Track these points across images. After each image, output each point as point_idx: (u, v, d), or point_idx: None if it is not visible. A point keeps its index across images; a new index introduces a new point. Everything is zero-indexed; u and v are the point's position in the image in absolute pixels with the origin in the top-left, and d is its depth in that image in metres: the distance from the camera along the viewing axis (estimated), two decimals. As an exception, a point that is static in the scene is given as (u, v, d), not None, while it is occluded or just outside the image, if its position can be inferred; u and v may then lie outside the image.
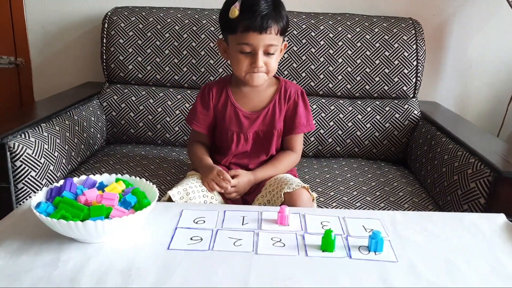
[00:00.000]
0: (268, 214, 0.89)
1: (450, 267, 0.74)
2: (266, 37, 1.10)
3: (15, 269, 0.69)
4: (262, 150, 1.23)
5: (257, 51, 1.11)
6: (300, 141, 1.27)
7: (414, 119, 1.63)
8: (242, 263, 0.72)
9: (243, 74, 1.15)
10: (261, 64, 1.12)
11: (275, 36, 1.12)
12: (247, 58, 1.13)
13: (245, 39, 1.10)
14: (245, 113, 1.21)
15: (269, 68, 1.14)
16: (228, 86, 1.23)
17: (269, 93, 1.23)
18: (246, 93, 1.22)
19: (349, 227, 0.85)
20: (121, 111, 1.68)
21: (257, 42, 1.10)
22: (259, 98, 1.22)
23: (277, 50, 1.15)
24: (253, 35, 1.10)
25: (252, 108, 1.22)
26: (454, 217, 0.91)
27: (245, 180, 1.17)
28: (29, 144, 1.22)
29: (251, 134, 1.22)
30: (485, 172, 1.13)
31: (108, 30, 1.69)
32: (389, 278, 0.70)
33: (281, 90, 1.22)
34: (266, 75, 1.16)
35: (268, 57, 1.13)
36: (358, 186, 1.37)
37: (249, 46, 1.11)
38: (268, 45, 1.11)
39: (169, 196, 1.07)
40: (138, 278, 0.68)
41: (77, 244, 0.76)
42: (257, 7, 1.09)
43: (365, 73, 1.65)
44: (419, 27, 1.68)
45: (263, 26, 1.09)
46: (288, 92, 1.22)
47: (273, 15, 1.10)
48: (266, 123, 1.22)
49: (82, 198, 0.77)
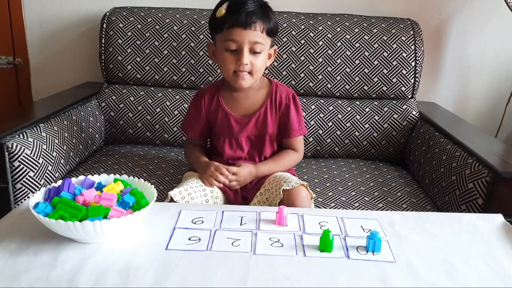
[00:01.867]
0: (266, 214, 0.89)
1: (448, 267, 0.74)
2: (251, 33, 1.11)
3: (13, 269, 0.69)
4: (256, 155, 1.24)
5: (242, 47, 1.12)
6: (300, 141, 1.28)
7: (412, 120, 1.64)
8: (240, 263, 0.72)
9: (229, 75, 1.16)
10: (246, 61, 1.13)
11: (261, 34, 1.13)
12: (232, 56, 1.14)
13: (231, 35, 1.12)
14: (236, 118, 1.22)
15: (254, 67, 1.14)
16: (220, 91, 1.25)
17: (260, 96, 1.23)
18: (236, 97, 1.23)
19: (347, 228, 0.85)
20: (120, 112, 1.68)
21: (242, 38, 1.11)
22: (250, 102, 1.23)
23: (264, 50, 1.15)
24: (238, 31, 1.11)
25: (243, 112, 1.23)
26: (452, 218, 0.91)
27: (246, 170, 1.18)
28: (28, 144, 1.22)
29: (243, 139, 1.23)
30: (483, 173, 1.13)
31: (106, 30, 1.69)
32: (387, 278, 0.70)
33: (272, 93, 1.23)
34: (251, 77, 1.16)
35: (254, 56, 1.14)
36: (357, 186, 1.37)
37: (234, 43, 1.12)
38: (253, 42, 1.12)
39: (171, 197, 1.08)
40: (137, 278, 0.68)
41: (75, 244, 0.76)
42: (243, 5, 1.11)
43: (364, 74, 1.65)
44: (417, 28, 1.68)
45: (247, 21, 1.10)
46: (279, 97, 1.22)
47: (259, 13, 1.12)
48: (258, 127, 1.22)
49: (80, 198, 0.77)
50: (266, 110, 1.22)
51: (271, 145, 1.25)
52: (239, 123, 1.22)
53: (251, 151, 1.24)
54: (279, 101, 1.22)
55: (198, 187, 1.12)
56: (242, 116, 1.22)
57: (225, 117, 1.22)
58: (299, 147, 1.27)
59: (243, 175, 1.17)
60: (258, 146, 1.24)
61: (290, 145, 1.26)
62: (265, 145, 1.23)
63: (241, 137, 1.22)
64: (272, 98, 1.22)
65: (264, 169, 1.21)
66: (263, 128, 1.22)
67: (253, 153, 1.24)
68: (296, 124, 1.23)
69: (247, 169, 1.18)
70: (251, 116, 1.22)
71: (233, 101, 1.23)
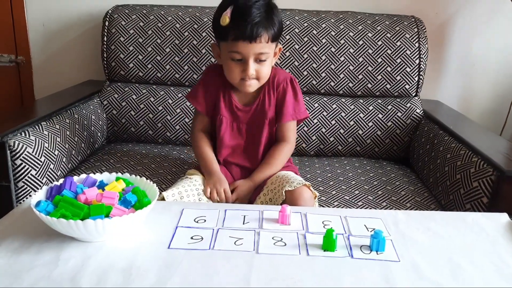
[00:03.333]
0: (269, 213, 0.89)
1: (453, 266, 0.73)
2: (256, 46, 1.09)
3: (15, 268, 0.69)
4: (255, 142, 1.23)
5: (247, 59, 1.11)
6: (292, 129, 1.25)
7: (416, 118, 1.63)
8: (243, 262, 0.72)
9: (235, 82, 1.16)
10: (252, 72, 1.13)
11: (266, 44, 1.11)
12: (238, 65, 1.13)
13: (235, 48, 1.10)
14: (239, 106, 1.22)
15: (260, 75, 1.14)
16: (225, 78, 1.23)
17: (262, 86, 1.23)
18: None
19: (350, 227, 0.85)
20: (122, 110, 1.67)
21: (247, 51, 1.10)
22: (253, 93, 1.22)
23: (269, 57, 1.14)
24: (243, 44, 1.09)
25: (246, 102, 1.23)
26: (457, 216, 0.90)
27: (244, 189, 1.17)
28: (30, 142, 1.22)
29: (244, 125, 1.23)
30: (488, 171, 1.12)
31: (109, 28, 1.69)
32: (392, 278, 0.69)
33: (270, 79, 1.21)
34: (257, 82, 1.16)
35: (260, 64, 1.13)
36: (360, 185, 1.37)
37: (239, 54, 1.11)
38: (258, 54, 1.11)
39: (163, 197, 1.07)
40: (139, 277, 0.67)
41: (77, 243, 0.76)
42: (248, 15, 1.08)
43: (367, 72, 1.64)
44: (421, 25, 1.67)
45: (252, 35, 1.08)
46: (277, 81, 1.21)
47: (264, 24, 1.09)
48: (257, 114, 1.22)
49: (82, 197, 0.77)
50: (265, 95, 1.21)
51: (269, 130, 1.23)
52: (241, 111, 1.22)
53: (250, 139, 1.23)
54: (277, 84, 1.21)
55: (193, 190, 1.12)
56: (244, 105, 1.23)
57: (229, 102, 1.22)
58: (290, 135, 1.24)
59: (243, 195, 1.17)
60: (257, 132, 1.23)
61: (280, 132, 1.24)
62: (263, 129, 1.21)
63: (242, 123, 1.22)
64: (270, 82, 1.21)
65: (261, 177, 1.19)
66: (261, 114, 1.21)
67: (252, 141, 1.23)
68: (290, 109, 1.21)
69: (245, 187, 1.18)
70: (252, 104, 1.22)
71: (236, 90, 1.22)
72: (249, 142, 1.24)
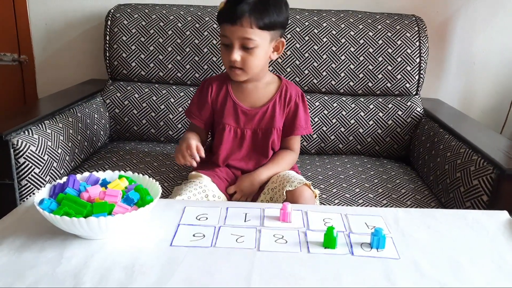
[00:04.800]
0: (270, 211, 0.89)
1: (453, 264, 0.73)
2: (238, 29, 1.08)
3: (18, 265, 0.70)
4: (259, 151, 1.22)
5: (233, 43, 1.10)
6: (299, 141, 1.28)
7: (417, 116, 1.63)
8: (244, 259, 0.72)
9: (226, 68, 1.16)
10: (235, 58, 1.10)
11: (250, 29, 1.08)
12: (227, 50, 1.13)
13: (222, 30, 1.12)
14: (244, 109, 1.20)
15: (246, 64, 1.12)
16: (229, 81, 1.23)
17: (269, 91, 1.22)
18: (245, 89, 1.22)
19: (351, 224, 0.85)
20: (124, 108, 1.68)
21: (230, 34, 1.10)
22: (258, 95, 1.21)
23: (259, 45, 1.10)
24: (226, 27, 1.10)
25: (252, 104, 1.21)
26: (457, 214, 0.91)
27: (246, 182, 1.17)
28: (33, 141, 1.23)
29: (249, 131, 1.21)
30: (488, 169, 1.12)
31: (111, 27, 1.69)
32: (392, 275, 0.70)
33: (282, 90, 1.21)
34: (244, 72, 1.14)
35: (247, 52, 1.11)
36: (361, 183, 1.37)
37: (226, 38, 1.11)
38: (243, 38, 1.09)
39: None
40: (141, 274, 0.68)
41: (80, 241, 0.76)
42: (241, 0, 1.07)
43: (368, 70, 1.64)
44: (422, 24, 1.67)
45: (233, 16, 1.07)
46: (289, 94, 1.21)
47: (251, 8, 1.06)
48: (266, 121, 1.21)
49: (85, 194, 0.77)
50: (275, 104, 1.20)
51: (277, 141, 1.23)
52: (246, 114, 1.20)
53: (254, 147, 1.22)
54: (289, 97, 1.21)
55: (200, 193, 1.11)
56: (250, 108, 1.21)
57: (233, 107, 1.21)
58: (296, 147, 1.27)
59: (245, 188, 1.17)
60: (263, 141, 1.21)
61: (289, 144, 1.25)
62: (270, 138, 1.20)
63: (247, 128, 1.21)
64: (282, 93, 1.21)
65: (267, 173, 1.19)
66: (270, 122, 1.20)
67: (256, 149, 1.22)
68: (303, 122, 1.23)
69: (247, 180, 1.17)
70: (259, 108, 1.21)
71: (241, 92, 1.22)
72: (253, 149, 1.23)
